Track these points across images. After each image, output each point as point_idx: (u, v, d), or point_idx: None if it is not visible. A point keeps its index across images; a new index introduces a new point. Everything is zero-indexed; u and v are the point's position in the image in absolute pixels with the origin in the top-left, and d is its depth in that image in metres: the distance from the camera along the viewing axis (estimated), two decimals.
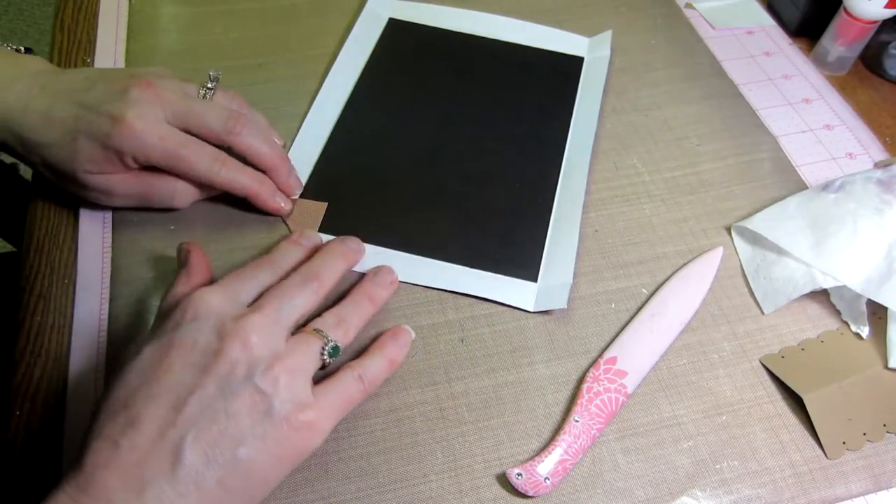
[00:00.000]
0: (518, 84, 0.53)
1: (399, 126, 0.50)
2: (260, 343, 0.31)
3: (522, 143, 0.49)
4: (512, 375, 0.39)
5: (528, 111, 0.51)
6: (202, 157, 0.40)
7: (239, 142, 0.41)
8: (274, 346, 0.31)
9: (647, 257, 0.44)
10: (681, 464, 0.36)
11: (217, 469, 0.28)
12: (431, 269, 0.42)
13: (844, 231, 0.41)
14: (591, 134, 0.49)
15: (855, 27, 0.53)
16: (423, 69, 0.53)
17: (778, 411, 0.38)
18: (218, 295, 0.32)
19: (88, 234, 0.43)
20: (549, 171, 0.48)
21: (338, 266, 0.38)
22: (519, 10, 0.58)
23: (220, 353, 0.30)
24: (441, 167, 0.47)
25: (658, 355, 0.39)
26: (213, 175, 0.40)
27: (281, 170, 0.43)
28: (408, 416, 0.37)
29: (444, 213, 0.45)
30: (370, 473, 0.35)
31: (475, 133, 0.50)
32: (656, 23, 0.59)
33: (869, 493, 0.36)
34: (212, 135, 0.40)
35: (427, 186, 0.46)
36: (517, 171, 0.48)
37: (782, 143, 0.51)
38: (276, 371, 0.30)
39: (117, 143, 0.38)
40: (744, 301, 0.42)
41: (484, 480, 0.35)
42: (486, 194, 0.46)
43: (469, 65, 0.54)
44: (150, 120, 0.38)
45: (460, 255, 0.43)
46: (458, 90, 0.52)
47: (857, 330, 0.41)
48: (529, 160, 0.48)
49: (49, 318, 0.39)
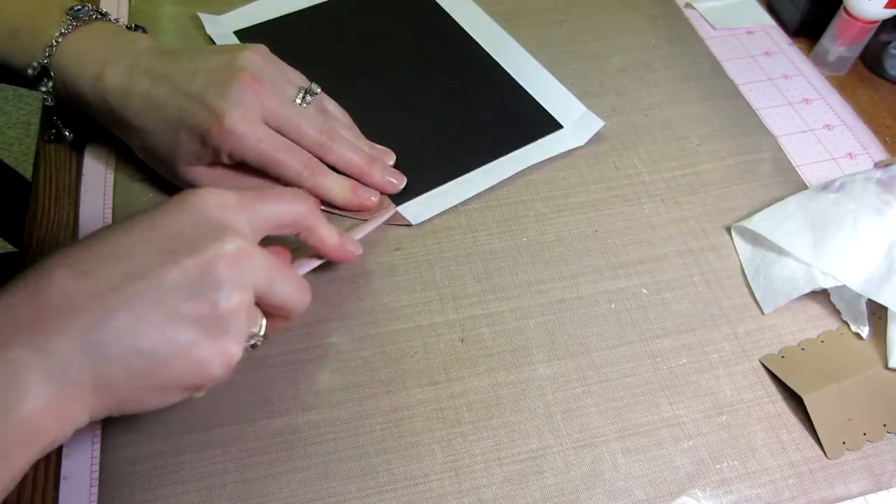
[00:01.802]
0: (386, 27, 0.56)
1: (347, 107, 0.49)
2: (241, 271, 0.29)
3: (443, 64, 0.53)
4: (512, 375, 0.39)
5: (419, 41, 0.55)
6: (294, 163, 0.41)
7: (329, 155, 0.43)
8: (245, 281, 0.30)
9: (647, 257, 0.44)
10: (681, 464, 0.36)
11: (130, 354, 0.27)
12: (477, 178, 0.47)
13: (844, 231, 0.41)
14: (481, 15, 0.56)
15: (855, 27, 0.53)
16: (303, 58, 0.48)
17: (778, 411, 0.38)
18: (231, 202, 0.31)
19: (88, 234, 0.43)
20: (479, 61, 0.53)
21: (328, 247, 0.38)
22: (518, 10, 0.58)
23: (197, 253, 0.28)
24: (409, 112, 0.50)
25: None
26: (301, 181, 0.42)
27: (372, 174, 0.44)
28: (408, 416, 0.37)
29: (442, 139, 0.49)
30: (370, 473, 0.35)
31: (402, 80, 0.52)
32: (656, 23, 0.59)
33: (869, 492, 0.36)
34: (305, 145, 0.42)
35: (413, 130, 0.49)
36: (460, 80, 0.52)
37: (782, 143, 0.51)
38: (237, 301, 0.29)
39: (217, 141, 0.39)
40: (744, 301, 0.42)
41: (484, 480, 0.35)
42: (461, 108, 0.50)
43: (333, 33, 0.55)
44: (251, 122, 0.39)
45: (487, 154, 0.48)
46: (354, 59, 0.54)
47: (857, 330, 0.41)
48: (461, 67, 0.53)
49: None
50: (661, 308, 0.42)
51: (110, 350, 0.27)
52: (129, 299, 0.27)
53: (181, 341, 0.28)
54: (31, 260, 0.42)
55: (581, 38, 0.57)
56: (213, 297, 0.28)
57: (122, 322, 0.27)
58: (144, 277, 0.28)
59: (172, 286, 0.28)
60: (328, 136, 0.42)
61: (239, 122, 0.38)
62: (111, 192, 0.45)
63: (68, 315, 0.26)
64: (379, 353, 0.39)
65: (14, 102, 1.56)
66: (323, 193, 0.43)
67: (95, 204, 0.44)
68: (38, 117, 0.49)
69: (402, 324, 0.40)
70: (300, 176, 0.41)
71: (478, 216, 0.46)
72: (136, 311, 0.27)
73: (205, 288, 0.28)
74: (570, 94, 0.51)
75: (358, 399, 0.37)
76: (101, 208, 0.44)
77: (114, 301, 0.27)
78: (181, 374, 0.29)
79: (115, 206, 0.44)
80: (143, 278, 0.28)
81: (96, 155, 0.47)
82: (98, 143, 0.47)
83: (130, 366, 0.27)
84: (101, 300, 0.27)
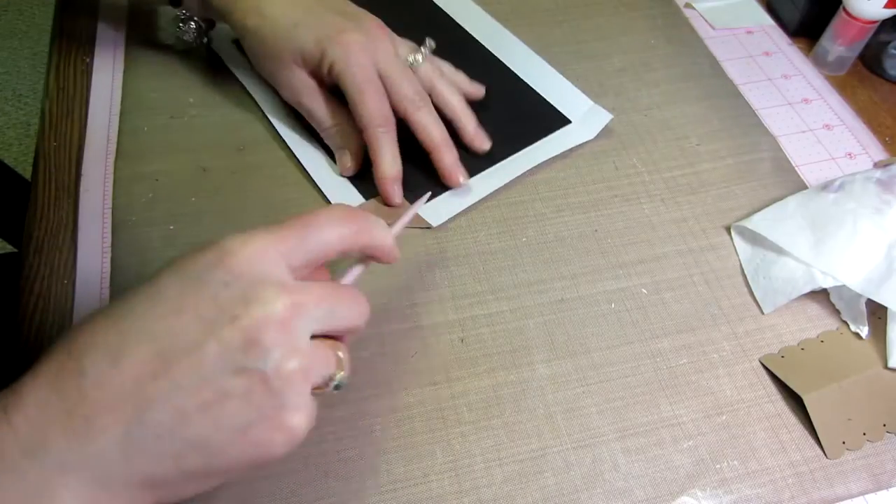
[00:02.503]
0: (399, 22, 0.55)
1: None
2: (289, 334, 0.26)
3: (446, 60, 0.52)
4: (512, 375, 0.39)
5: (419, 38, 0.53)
6: (374, 108, 0.43)
7: (414, 116, 0.44)
8: (298, 341, 0.26)
9: (646, 257, 0.44)
10: (681, 464, 0.36)
11: (179, 446, 0.24)
12: (491, 177, 0.47)
13: (844, 231, 0.41)
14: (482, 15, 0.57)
15: (854, 27, 0.53)
16: None
17: (778, 411, 0.38)
18: (264, 247, 0.26)
19: (88, 234, 0.43)
20: (482, 59, 0.54)
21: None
22: (518, 10, 0.59)
23: (238, 320, 0.25)
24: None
25: None
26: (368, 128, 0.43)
27: (442, 157, 0.45)
28: (408, 416, 0.37)
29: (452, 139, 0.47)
30: (370, 473, 0.35)
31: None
32: (656, 23, 0.59)
33: (869, 492, 0.36)
34: (396, 100, 0.44)
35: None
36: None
37: (782, 142, 0.51)
38: (291, 371, 0.25)
39: (329, 46, 0.42)
40: (744, 301, 0.42)
41: (484, 480, 0.35)
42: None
43: None
44: (364, 49, 0.43)
45: (500, 153, 0.48)
46: None
47: (857, 330, 0.41)
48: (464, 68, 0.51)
49: (49, 318, 0.39)
50: (661, 308, 0.42)
51: (156, 445, 0.24)
52: (170, 385, 0.24)
53: (233, 424, 0.25)
54: (31, 260, 0.42)
55: (581, 38, 0.57)
56: (261, 369, 0.25)
57: (165, 413, 0.24)
58: (182, 357, 0.24)
59: (214, 362, 0.24)
60: (417, 107, 0.44)
61: (356, 40, 0.42)
62: (111, 193, 0.45)
63: (105, 411, 0.23)
64: (379, 353, 0.39)
65: (14, 102, 1.56)
66: (374, 152, 0.44)
67: (95, 204, 0.44)
68: (38, 117, 0.49)
69: (401, 324, 0.40)
70: (370, 122, 0.43)
71: (478, 216, 0.46)
72: (178, 398, 0.24)
73: (251, 359, 0.24)
74: (575, 89, 0.52)
75: (358, 399, 0.37)
76: (100, 208, 0.44)
77: (153, 389, 0.24)
78: (239, 459, 0.26)
79: (114, 207, 0.44)
80: (181, 358, 0.24)
81: (96, 155, 0.47)
82: (98, 144, 0.47)
83: (181, 458, 0.24)
84: (139, 390, 0.24)
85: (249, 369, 0.24)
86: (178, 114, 0.50)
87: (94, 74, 0.52)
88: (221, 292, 0.25)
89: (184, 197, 0.45)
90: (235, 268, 0.25)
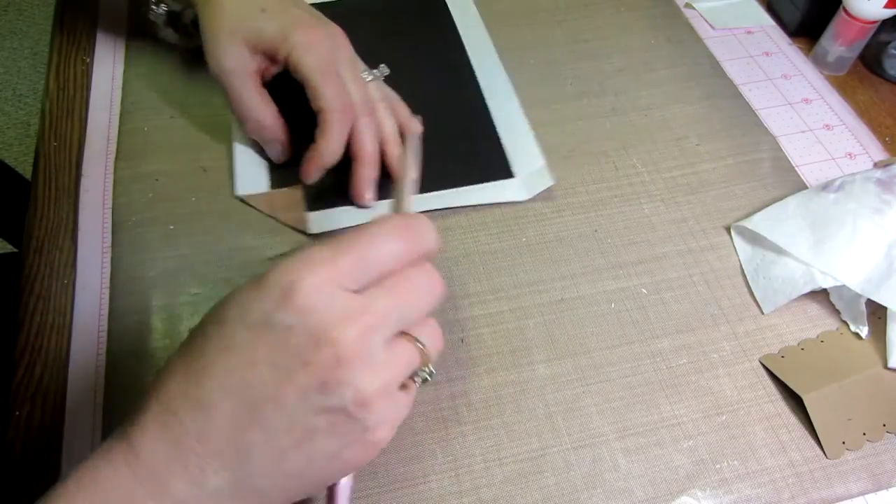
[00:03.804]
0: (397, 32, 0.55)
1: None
2: (363, 360, 0.26)
3: (433, 78, 0.53)
4: (512, 375, 0.39)
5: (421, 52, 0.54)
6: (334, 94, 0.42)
7: (354, 126, 0.43)
8: (374, 359, 0.26)
9: (646, 257, 0.44)
10: (681, 464, 0.36)
11: (281, 479, 0.27)
12: (419, 203, 0.45)
13: (844, 231, 0.41)
14: (487, 44, 0.56)
15: (854, 27, 0.53)
16: None
17: (778, 411, 0.38)
18: (322, 279, 0.26)
19: (88, 234, 0.43)
20: (468, 88, 0.53)
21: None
22: (518, 9, 0.59)
23: (310, 364, 0.25)
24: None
25: None
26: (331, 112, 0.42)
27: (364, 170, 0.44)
28: (407, 416, 0.37)
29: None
30: (370, 473, 0.35)
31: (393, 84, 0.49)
32: (656, 23, 0.59)
33: (868, 492, 0.36)
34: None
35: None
36: (443, 100, 0.52)
37: (782, 142, 0.51)
38: (370, 396, 0.26)
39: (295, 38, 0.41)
40: (743, 301, 0.42)
41: (484, 480, 0.35)
42: (429, 128, 0.47)
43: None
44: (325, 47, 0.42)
45: (435, 183, 0.46)
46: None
47: (857, 330, 0.41)
48: (448, 89, 0.52)
49: (49, 318, 0.39)
50: (661, 308, 0.42)
51: (260, 482, 0.26)
52: (261, 432, 0.26)
53: (325, 454, 0.27)
54: (31, 260, 0.42)
55: (581, 38, 0.57)
56: (341, 405, 0.26)
57: (264, 456, 0.26)
58: (266, 405, 0.26)
59: (295, 408, 0.26)
60: (367, 106, 0.43)
61: (320, 35, 0.42)
62: (111, 193, 0.45)
63: (213, 459, 0.26)
64: None
65: (14, 103, 1.56)
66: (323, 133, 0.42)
67: (95, 204, 0.44)
68: (38, 117, 0.49)
69: None
70: (330, 105, 0.42)
71: (478, 216, 0.46)
72: (272, 442, 0.26)
73: (329, 397, 0.26)
74: (535, 145, 0.49)
75: None
76: (100, 208, 0.44)
77: (249, 437, 0.26)
78: (333, 477, 0.30)
79: (114, 207, 0.44)
80: (265, 406, 0.26)
81: (96, 155, 0.47)
82: (98, 144, 0.47)
83: (282, 488, 0.27)
84: (237, 439, 0.26)
85: (329, 407, 0.26)
86: (177, 114, 0.50)
87: (94, 74, 0.52)
88: (290, 337, 0.26)
89: (184, 197, 0.45)
90: (298, 306, 0.25)
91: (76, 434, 0.35)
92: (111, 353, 0.38)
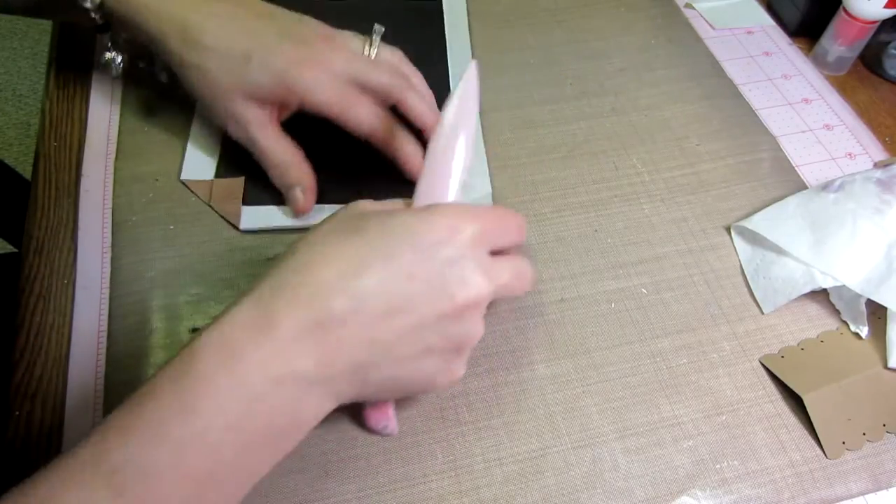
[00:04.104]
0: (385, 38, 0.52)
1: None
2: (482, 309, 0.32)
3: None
4: (512, 375, 0.39)
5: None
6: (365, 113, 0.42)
7: (402, 103, 0.43)
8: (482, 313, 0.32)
9: (646, 257, 0.44)
10: (681, 464, 0.36)
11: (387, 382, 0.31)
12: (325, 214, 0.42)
13: (844, 231, 0.41)
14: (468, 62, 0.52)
15: (854, 27, 0.53)
16: None
17: (778, 411, 0.38)
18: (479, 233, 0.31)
19: (88, 234, 0.43)
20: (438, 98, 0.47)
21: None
22: (518, 9, 0.59)
23: (455, 298, 0.30)
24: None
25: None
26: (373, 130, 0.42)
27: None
28: (408, 416, 0.37)
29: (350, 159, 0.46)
30: (370, 473, 0.35)
31: None
32: (656, 23, 0.59)
33: (868, 492, 0.36)
34: (380, 95, 0.42)
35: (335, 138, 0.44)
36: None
37: (782, 142, 0.51)
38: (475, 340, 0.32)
39: (301, 84, 0.40)
40: (743, 301, 0.42)
41: (484, 480, 0.35)
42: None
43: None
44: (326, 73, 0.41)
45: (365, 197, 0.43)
46: None
47: (857, 330, 0.41)
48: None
49: (49, 318, 0.39)
50: (661, 308, 0.42)
51: (373, 375, 0.30)
52: (394, 335, 0.30)
53: (427, 371, 0.32)
54: (31, 260, 0.42)
55: (581, 38, 0.57)
56: (459, 338, 0.31)
57: (390, 361, 0.30)
58: (406, 315, 0.30)
59: (431, 327, 0.30)
60: (401, 79, 0.43)
61: (316, 64, 0.40)
62: (111, 193, 0.45)
63: (348, 347, 0.29)
64: None
65: (14, 103, 1.56)
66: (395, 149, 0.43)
67: (95, 204, 0.44)
68: (38, 117, 0.49)
69: None
70: (371, 127, 0.42)
71: None
72: (397, 347, 0.30)
73: (455, 329, 0.31)
74: (486, 172, 0.48)
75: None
76: (100, 208, 0.44)
77: (381, 335, 0.29)
78: (416, 390, 0.34)
79: (114, 207, 0.44)
80: (405, 318, 0.30)
81: (96, 155, 0.47)
82: (98, 144, 0.47)
83: (382, 387, 0.31)
84: (372, 334, 0.29)
85: (452, 336, 0.31)
86: (178, 114, 0.50)
87: (94, 74, 0.52)
88: (447, 270, 0.30)
89: (184, 197, 0.45)
90: (461, 248, 0.31)
91: (76, 434, 0.35)
92: (111, 353, 0.38)
